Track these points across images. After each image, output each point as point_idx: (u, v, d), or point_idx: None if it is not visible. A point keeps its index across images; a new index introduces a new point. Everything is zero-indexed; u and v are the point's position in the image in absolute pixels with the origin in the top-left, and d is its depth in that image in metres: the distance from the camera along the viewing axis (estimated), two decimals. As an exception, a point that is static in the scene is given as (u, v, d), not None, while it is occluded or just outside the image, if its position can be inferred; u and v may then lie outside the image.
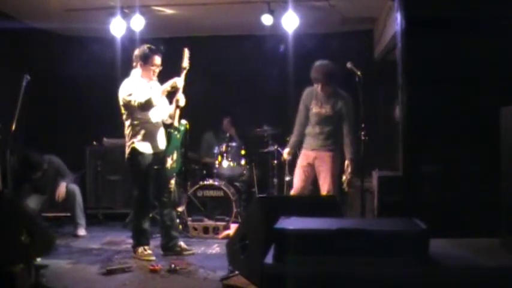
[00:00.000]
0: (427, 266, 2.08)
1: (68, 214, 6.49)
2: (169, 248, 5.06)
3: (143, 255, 4.86)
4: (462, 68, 4.35)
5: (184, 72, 4.91)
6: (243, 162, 6.61)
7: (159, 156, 4.94)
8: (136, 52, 4.99)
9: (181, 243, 5.15)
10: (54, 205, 6.23)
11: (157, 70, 4.99)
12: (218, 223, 6.03)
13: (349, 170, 5.11)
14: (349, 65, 4.70)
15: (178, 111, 4.92)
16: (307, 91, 5.38)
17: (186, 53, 4.93)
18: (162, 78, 5.05)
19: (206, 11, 6.54)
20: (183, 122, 5.03)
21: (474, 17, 4.28)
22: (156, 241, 5.25)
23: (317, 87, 5.28)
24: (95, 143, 7.11)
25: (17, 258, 3.53)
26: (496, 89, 4.17)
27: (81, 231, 6.08)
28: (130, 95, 4.82)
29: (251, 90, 7.49)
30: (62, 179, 6.15)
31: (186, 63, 4.91)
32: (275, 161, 6.68)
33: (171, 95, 5.04)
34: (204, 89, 6.81)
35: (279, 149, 6.53)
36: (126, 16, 6.36)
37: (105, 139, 7.04)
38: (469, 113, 4.38)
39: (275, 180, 6.71)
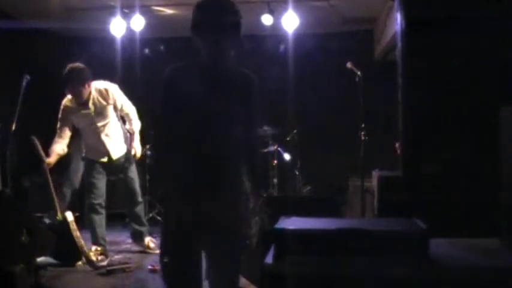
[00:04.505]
0: (427, 266, 2.08)
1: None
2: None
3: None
4: (462, 68, 4.35)
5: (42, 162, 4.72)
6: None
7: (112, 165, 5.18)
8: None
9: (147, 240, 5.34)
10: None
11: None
12: (218, 223, 6.01)
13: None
14: (349, 65, 4.69)
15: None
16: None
17: (36, 143, 4.72)
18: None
19: (206, 11, 6.53)
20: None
21: (474, 17, 4.28)
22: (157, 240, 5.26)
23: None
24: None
25: (17, 258, 3.53)
26: (496, 89, 4.17)
27: None
28: None
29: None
30: None
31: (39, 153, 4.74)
32: (275, 161, 6.67)
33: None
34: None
35: (279, 149, 6.55)
36: (126, 16, 6.37)
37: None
38: (469, 113, 4.38)
39: (275, 180, 6.71)
